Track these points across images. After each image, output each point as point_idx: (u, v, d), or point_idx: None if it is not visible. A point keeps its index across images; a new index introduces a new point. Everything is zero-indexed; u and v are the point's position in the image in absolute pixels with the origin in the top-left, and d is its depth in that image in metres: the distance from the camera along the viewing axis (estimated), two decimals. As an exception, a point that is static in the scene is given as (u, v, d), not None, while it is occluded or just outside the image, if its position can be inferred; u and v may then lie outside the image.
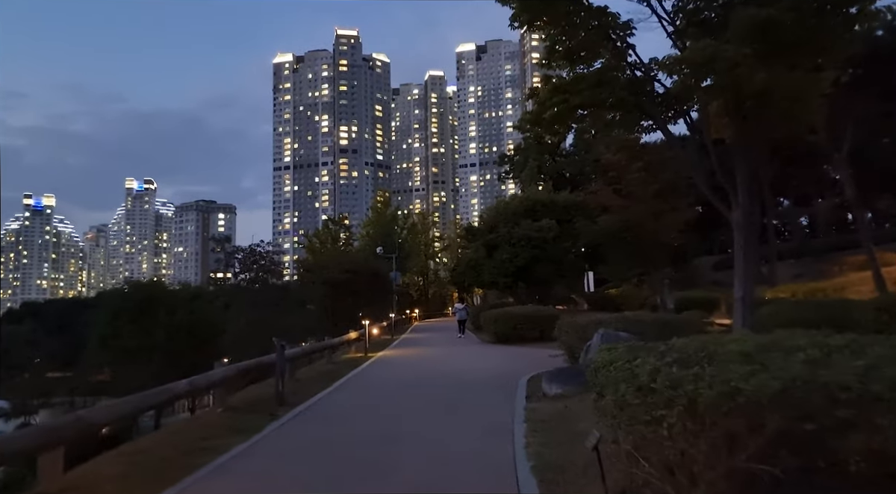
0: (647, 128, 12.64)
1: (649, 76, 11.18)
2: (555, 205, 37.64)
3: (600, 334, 11.62)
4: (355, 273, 34.39)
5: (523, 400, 10.43)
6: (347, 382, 14.26)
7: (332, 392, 12.73)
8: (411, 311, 64.67)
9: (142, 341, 27.54)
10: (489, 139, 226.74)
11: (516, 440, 7.58)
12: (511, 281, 31.82)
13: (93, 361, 33.61)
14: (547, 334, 24.47)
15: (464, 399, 10.93)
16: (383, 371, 16.68)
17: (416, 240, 76.90)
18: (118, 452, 7.88)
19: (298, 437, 8.51)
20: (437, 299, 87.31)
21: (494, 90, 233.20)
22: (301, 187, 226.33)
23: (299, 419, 9.85)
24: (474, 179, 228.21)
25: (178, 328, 28.29)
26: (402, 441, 7.98)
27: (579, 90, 10.80)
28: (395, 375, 15.40)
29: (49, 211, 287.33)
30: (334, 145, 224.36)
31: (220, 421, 9.64)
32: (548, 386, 10.54)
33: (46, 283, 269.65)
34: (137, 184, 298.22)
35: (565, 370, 11.09)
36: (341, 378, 15.00)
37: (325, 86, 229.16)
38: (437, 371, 15.74)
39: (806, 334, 5.04)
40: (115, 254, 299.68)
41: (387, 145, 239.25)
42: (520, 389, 11.77)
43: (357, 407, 10.70)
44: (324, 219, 73.40)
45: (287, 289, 38.32)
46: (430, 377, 14.50)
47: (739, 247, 10.67)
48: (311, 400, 11.60)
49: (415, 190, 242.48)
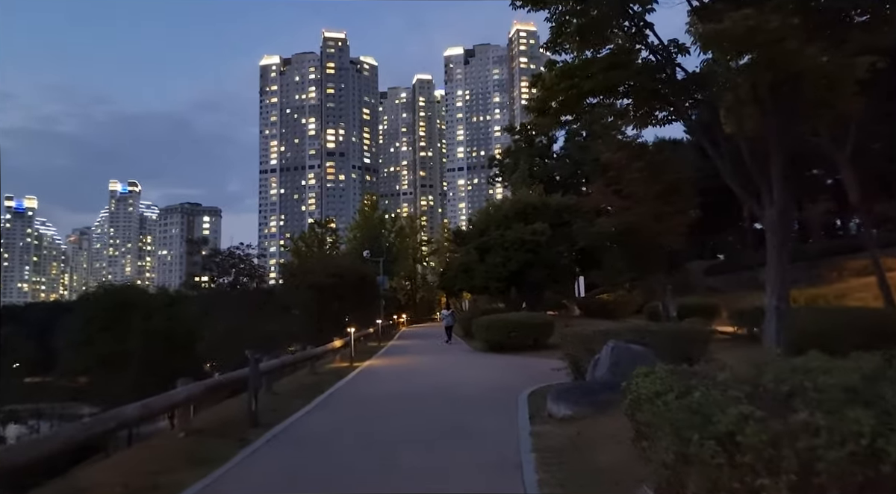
0: (661, 120, 11.53)
1: (669, 58, 10.08)
2: (547, 208, 36.64)
3: (610, 347, 10.49)
4: (341, 277, 33.11)
5: (527, 422, 9.27)
6: (330, 397, 13.03)
7: (312, 410, 11.50)
8: (399, 316, 63.47)
9: (115, 348, 26.10)
10: (477, 143, 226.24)
11: (526, 478, 6.39)
12: (504, 285, 30.68)
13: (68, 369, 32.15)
14: (542, 342, 23.37)
15: (460, 420, 9.73)
16: (370, 383, 15.45)
17: (403, 244, 75.66)
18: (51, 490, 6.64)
19: (270, 470, 7.29)
20: (425, 304, 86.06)
21: (482, 94, 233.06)
22: (287, 190, 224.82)
23: (273, 445, 8.62)
24: (462, 183, 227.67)
25: (154, 334, 26.86)
26: (393, 475, 6.81)
27: (591, 74, 9.69)
28: (382, 389, 14.16)
29: (31, 213, 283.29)
30: (321, 148, 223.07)
31: (181, 448, 8.39)
32: (554, 405, 9.37)
33: (28, 287, 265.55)
34: (121, 187, 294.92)
35: (573, 387, 9.94)
36: (324, 392, 13.76)
37: (312, 88, 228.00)
38: (428, 384, 14.53)
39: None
40: (99, 257, 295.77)
41: (374, 148, 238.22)
42: (521, 407, 10.61)
43: (340, 430, 9.47)
44: (310, 222, 71.80)
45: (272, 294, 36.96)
46: (420, 391, 13.30)
47: (773, 249, 9.57)
48: (289, 420, 10.36)
49: (402, 194, 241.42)
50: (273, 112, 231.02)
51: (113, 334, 26.87)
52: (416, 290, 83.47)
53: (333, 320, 32.13)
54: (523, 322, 22.98)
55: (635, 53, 10.20)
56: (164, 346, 26.79)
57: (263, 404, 11.86)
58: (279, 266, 38.83)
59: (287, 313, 32.84)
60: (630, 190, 20.39)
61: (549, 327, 23.72)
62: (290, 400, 12.63)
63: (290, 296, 34.08)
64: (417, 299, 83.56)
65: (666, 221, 19.91)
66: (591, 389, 9.63)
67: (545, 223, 33.18)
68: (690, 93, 10.56)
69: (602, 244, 22.75)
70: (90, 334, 27.61)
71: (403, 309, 73.05)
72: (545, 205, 37.29)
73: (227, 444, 8.55)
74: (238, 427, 9.80)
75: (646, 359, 10.59)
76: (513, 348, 22.87)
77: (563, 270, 33.48)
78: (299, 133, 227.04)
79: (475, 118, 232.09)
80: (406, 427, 9.38)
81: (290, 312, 34.26)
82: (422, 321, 73.67)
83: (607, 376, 10.21)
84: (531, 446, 7.67)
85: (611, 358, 10.36)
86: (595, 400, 9.14)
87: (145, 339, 26.47)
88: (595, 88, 9.94)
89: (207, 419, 10.87)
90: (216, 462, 7.52)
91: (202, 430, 9.59)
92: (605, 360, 10.48)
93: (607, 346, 10.60)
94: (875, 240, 29.39)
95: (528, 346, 22.85)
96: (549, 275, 30.55)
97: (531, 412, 10.05)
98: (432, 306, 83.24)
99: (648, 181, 19.82)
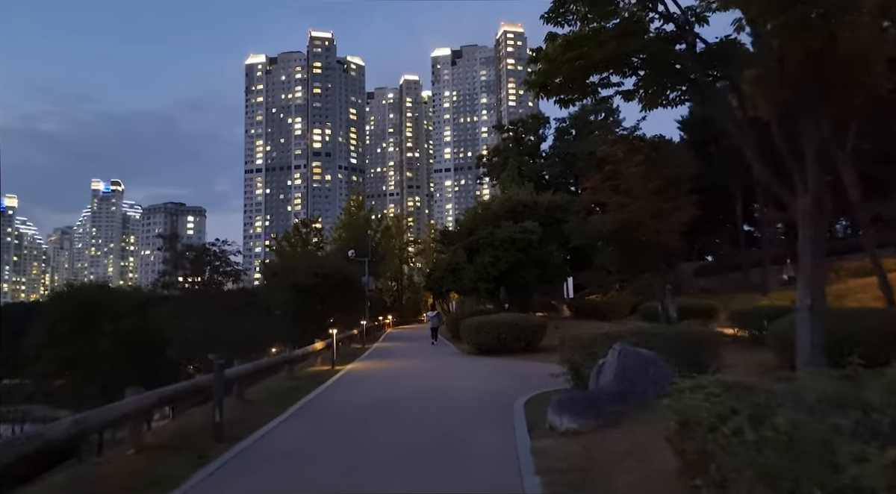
0: (673, 100, 10.44)
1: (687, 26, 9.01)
2: (538, 207, 35.69)
3: (618, 351, 9.45)
4: (324, 277, 31.95)
5: (526, 436, 8.21)
6: (307, 406, 11.89)
7: (286, 420, 10.37)
8: (384, 318, 62.34)
9: (83, 351, 24.73)
10: (464, 144, 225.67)
11: (534, 511, 5.33)
12: (493, 286, 29.57)
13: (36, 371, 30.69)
14: (533, 345, 22.36)
15: (451, 434, 8.64)
16: (351, 390, 14.31)
17: (390, 244, 74.42)
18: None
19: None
20: (412, 305, 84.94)
21: (469, 95, 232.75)
22: (273, 190, 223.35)
23: (237, 463, 7.49)
24: (449, 184, 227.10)
25: (126, 336, 25.50)
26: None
27: (601, 42, 8.63)
28: (364, 396, 13.02)
29: (11, 212, 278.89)
30: (307, 148, 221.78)
31: (128, 468, 7.25)
32: (556, 416, 8.29)
33: (7, 287, 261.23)
34: (104, 186, 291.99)
35: (576, 396, 8.86)
36: (301, 399, 12.63)
37: (299, 88, 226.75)
38: (415, 390, 13.42)
39: None
40: (80, 257, 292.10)
41: (361, 149, 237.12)
42: (517, 417, 9.56)
43: (314, 446, 8.35)
44: (295, 221, 70.43)
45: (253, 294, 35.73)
46: (406, 399, 12.20)
47: (807, 242, 8.55)
48: (259, 433, 9.24)
49: (389, 194, 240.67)
50: (259, 111, 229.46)
51: (81, 336, 25.50)
52: (403, 291, 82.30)
53: (317, 321, 31.02)
54: (514, 323, 21.93)
55: (647, 23, 9.16)
56: (136, 349, 25.47)
57: (233, 413, 10.75)
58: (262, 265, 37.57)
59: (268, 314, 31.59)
60: (628, 185, 19.42)
61: (540, 329, 22.72)
62: (263, 409, 11.51)
63: (272, 297, 32.85)
64: (404, 300, 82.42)
65: (665, 218, 18.97)
66: (596, 399, 8.58)
67: (535, 222, 32.17)
68: (711, 65, 9.50)
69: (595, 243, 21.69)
70: (57, 336, 26.22)
71: (389, 310, 71.92)
72: (536, 203, 36.33)
73: (183, 463, 7.42)
74: (200, 442, 8.69)
75: (656, 365, 9.56)
76: (503, 351, 21.85)
77: (556, 270, 32.45)
78: (285, 132, 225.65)
79: (462, 119, 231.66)
80: (389, 443, 8.28)
81: (272, 313, 33.05)
82: (408, 322, 72.64)
83: (613, 383, 9.19)
84: (534, 467, 6.60)
85: (617, 363, 9.33)
86: (602, 411, 8.11)
87: (116, 342, 25.12)
88: (606, 58, 8.83)
89: (169, 431, 9.75)
90: (165, 486, 6.40)
91: (157, 446, 8.45)
92: (610, 366, 9.45)
93: (613, 350, 9.56)
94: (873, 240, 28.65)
95: (518, 349, 21.84)
96: (541, 275, 29.49)
97: (529, 423, 9.00)
98: (419, 307, 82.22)
99: (647, 176, 18.88)
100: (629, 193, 19.42)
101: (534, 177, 53.68)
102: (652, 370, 9.20)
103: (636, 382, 9.16)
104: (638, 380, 9.18)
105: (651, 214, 18.62)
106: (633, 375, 9.20)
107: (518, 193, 39.58)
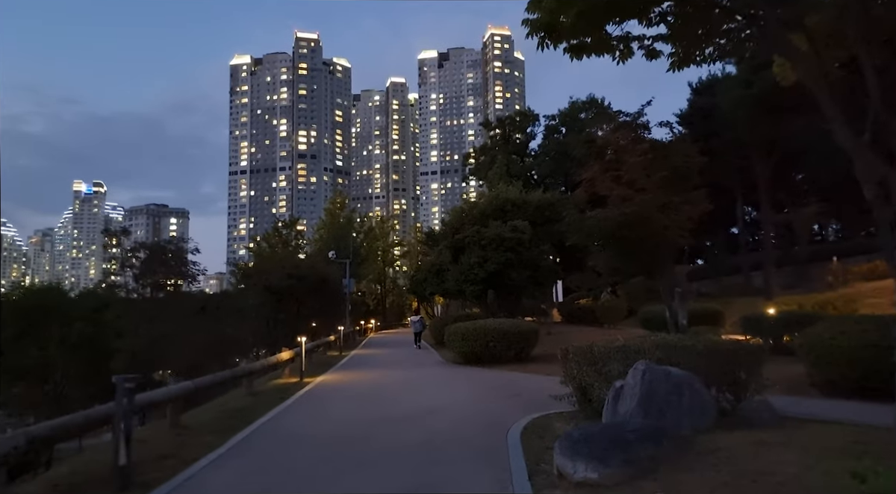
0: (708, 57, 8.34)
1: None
2: (527, 205, 33.69)
3: (642, 372, 7.38)
4: (300, 278, 29.71)
5: (527, 486, 6.14)
6: (255, 435, 9.71)
7: (223, 456, 8.20)
8: (367, 322, 60.20)
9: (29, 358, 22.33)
10: (451, 147, 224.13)
11: None
12: (481, 288, 27.41)
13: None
14: (525, 353, 20.31)
15: (432, 485, 6.55)
16: (315, 410, 12.11)
17: (373, 246, 72.10)
18: None
19: None
20: (396, 309, 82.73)
21: (456, 98, 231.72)
22: (258, 192, 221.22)
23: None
24: (435, 187, 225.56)
25: (78, 343, 23.15)
26: None
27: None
28: (328, 421, 10.81)
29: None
30: (293, 150, 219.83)
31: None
32: (567, 460, 6.14)
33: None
34: (86, 187, 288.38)
35: (592, 432, 6.72)
36: (251, 424, 10.47)
37: (284, 89, 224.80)
38: (390, 412, 11.24)
39: None
40: (62, 260, 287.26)
41: (346, 151, 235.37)
42: (514, 455, 7.47)
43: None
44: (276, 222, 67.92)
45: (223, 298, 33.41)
46: (379, 425, 10.07)
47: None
48: (180, 477, 7.09)
49: (375, 197, 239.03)
50: (243, 113, 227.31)
51: (28, 342, 23.10)
52: (387, 295, 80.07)
53: (291, 327, 28.90)
54: (505, 330, 19.82)
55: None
56: (89, 356, 23.13)
57: (159, 445, 8.63)
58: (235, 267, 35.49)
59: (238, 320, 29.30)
60: (631, 176, 17.43)
61: (533, 336, 20.68)
62: (199, 438, 9.35)
63: (243, 300, 30.58)
64: (388, 304, 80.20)
65: (674, 212, 17.00)
66: (620, 437, 6.44)
67: (525, 221, 30.17)
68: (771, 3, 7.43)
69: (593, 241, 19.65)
70: (2, 342, 23.83)
71: (373, 314, 69.79)
72: (525, 202, 34.32)
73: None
74: (99, 489, 6.59)
75: (692, 390, 7.50)
76: (491, 360, 19.78)
77: (548, 272, 30.38)
78: (270, 134, 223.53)
79: (449, 122, 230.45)
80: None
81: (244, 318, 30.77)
82: (392, 326, 70.55)
83: (637, 413, 7.12)
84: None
85: (641, 386, 7.27)
86: (631, 454, 6.01)
87: (66, 349, 22.77)
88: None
89: (61, 475, 7.55)
90: None
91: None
92: (632, 390, 7.39)
93: (635, 370, 7.50)
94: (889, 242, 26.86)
95: (508, 358, 19.77)
96: (532, 277, 27.42)
97: (530, 465, 6.91)
98: (403, 311, 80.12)
99: (652, 165, 16.93)
100: (632, 185, 17.43)
101: (522, 175, 51.71)
102: (687, 396, 7.17)
103: (666, 412, 7.13)
104: (669, 410, 7.15)
105: (658, 208, 16.66)
106: (662, 403, 7.17)
107: (506, 191, 37.54)
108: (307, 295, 30.68)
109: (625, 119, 19.08)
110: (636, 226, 16.18)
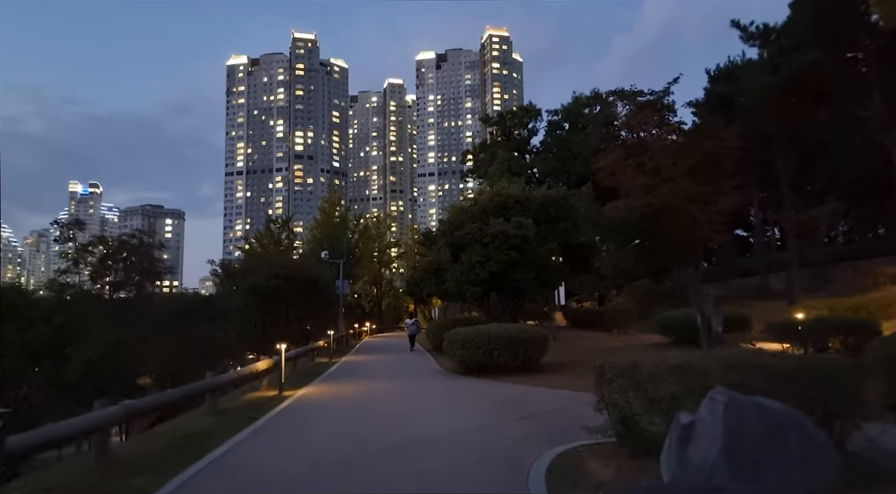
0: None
1: None
2: (531, 202, 31.53)
3: (723, 403, 5.22)
4: (287, 278, 27.55)
5: None
6: (203, 473, 7.54)
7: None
8: (362, 325, 58.08)
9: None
10: (448, 148, 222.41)
11: None
12: (482, 290, 25.21)
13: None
14: (533, 362, 18.16)
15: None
16: (289, 437, 9.87)
17: (368, 246, 69.84)
18: None
19: None
20: (392, 311, 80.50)
21: (454, 99, 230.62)
22: (254, 193, 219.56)
23: None
24: (433, 189, 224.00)
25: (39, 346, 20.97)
26: None
27: None
28: (301, 455, 8.59)
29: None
30: (289, 151, 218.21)
31: None
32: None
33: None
34: (82, 188, 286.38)
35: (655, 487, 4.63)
36: (202, 457, 8.31)
37: (281, 90, 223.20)
38: (379, 444, 8.94)
39: None
40: (57, 260, 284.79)
41: (343, 152, 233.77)
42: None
43: None
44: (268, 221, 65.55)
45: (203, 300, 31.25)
46: (363, 460, 7.93)
47: None
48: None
49: (372, 198, 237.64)
50: (240, 113, 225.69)
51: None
52: (383, 296, 77.86)
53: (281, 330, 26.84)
54: (510, 336, 17.64)
55: None
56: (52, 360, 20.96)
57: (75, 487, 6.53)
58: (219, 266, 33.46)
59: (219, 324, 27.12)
60: (656, 163, 15.33)
61: (542, 343, 18.49)
62: (123, 481, 7.19)
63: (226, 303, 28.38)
64: (384, 306, 78.01)
65: (704, 204, 14.92)
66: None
67: (528, 219, 28.07)
68: None
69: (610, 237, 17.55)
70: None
71: (368, 316, 67.64)
72: (528, 198, 32.17)
73: None
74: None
75: (800, 432, 5.39)
76: (495, 370, 17.62)
77: (556, 271, 28.21)
78: (267, 135, 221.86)
79: (447, 123, 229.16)
80: None
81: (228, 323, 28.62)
82: (388, 329, 68.50)
83: (721, 464, 4.94)
84: None
85: (724, 425, 5.09)
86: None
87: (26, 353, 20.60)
88: None
89: None
90: None
91: None
92: (709, 429, 5.21)
93: (713, 401, 5.31)
94: None
95: (515, 368, 17.62)
96: (538, 278, 25.24)
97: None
98: (400, 313, 77.89)
99: (682, 150, 14.86)
100: (657, 173, 15.32)
101: (523, 173, 49.63)
102: (794, 440, 5.03)
103: (764, 463, 5.00)
104: (767, 459, 5.03)
105: (687, 199, 14.56)
106: (757, 449, 5.04)
107: (508, 188, 35.44)
108: (295, 296, 28.55)
109: (648, 98, 17.03)
110: (663, 218, 14.07)
